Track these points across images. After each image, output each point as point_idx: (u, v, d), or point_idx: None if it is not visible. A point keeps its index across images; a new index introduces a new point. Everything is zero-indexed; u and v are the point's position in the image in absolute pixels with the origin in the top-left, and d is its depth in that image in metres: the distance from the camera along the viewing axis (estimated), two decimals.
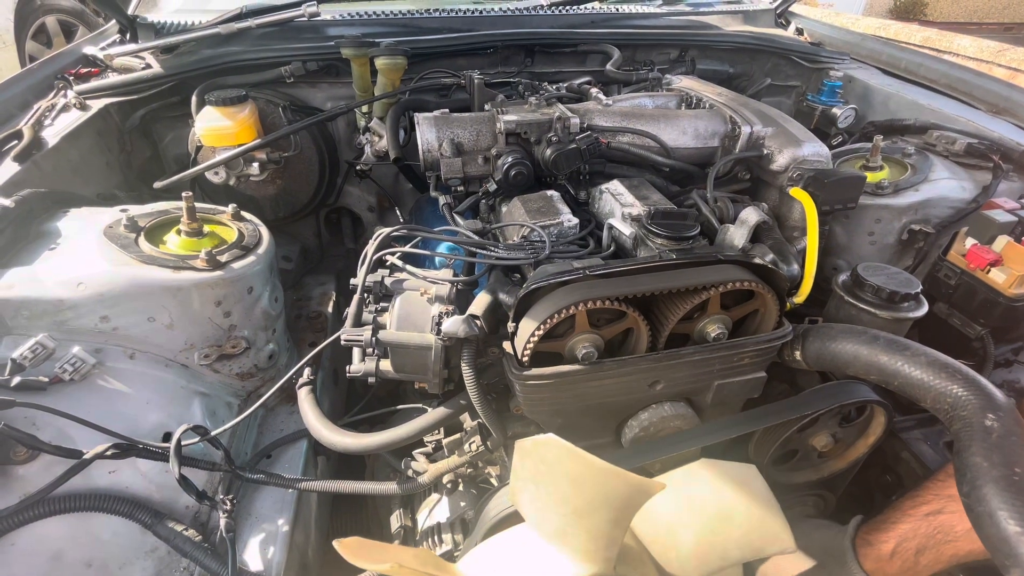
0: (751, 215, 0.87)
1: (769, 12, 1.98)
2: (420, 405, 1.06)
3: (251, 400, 1.07)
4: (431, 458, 0.99)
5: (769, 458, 0.94)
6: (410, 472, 0.98)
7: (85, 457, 0.78)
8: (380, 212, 1.79)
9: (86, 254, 0.92)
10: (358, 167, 1.55)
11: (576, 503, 0.63)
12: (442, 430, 1.01)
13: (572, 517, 0.65)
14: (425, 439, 1.01)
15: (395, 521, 1.04)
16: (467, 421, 1.01)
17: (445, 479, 0.98)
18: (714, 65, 1.77)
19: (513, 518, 0.80)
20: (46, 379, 0.83)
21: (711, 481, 0.75)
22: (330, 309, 1.43)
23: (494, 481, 0.99)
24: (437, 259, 0.90)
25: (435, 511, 1.02)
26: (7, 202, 0.97)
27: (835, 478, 1.06)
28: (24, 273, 0.89)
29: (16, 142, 1.17)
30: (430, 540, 0.99)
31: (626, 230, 0.90)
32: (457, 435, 0.98)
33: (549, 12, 1.68)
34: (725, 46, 1.75)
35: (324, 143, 1.54)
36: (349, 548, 0.64)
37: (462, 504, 0.99)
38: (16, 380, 0.80)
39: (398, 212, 1.74)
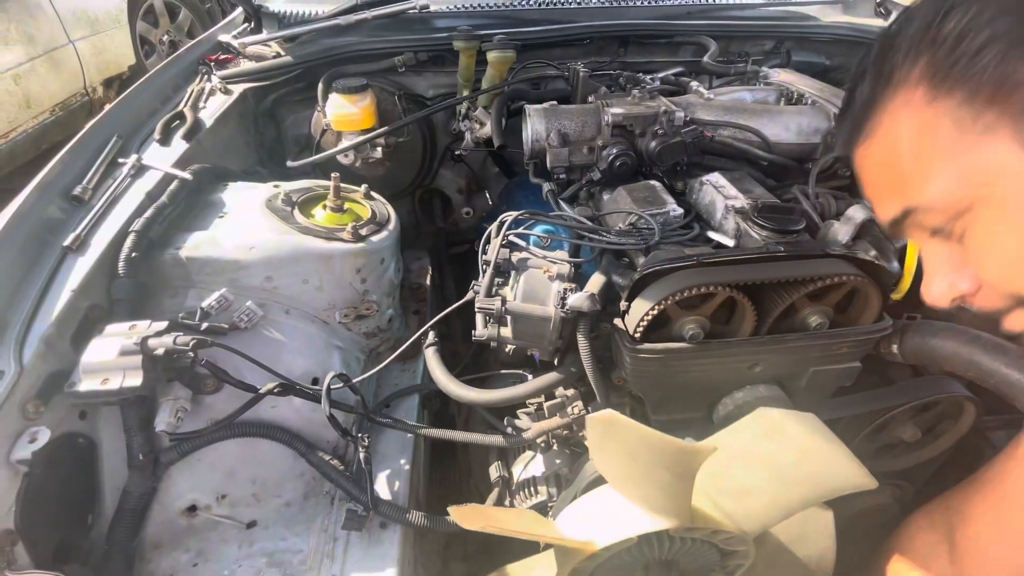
0: (858, 212, 0.91)
1: (869, 2, 1.91)
2: (519, 371, 1.17)
3: (372, 356, 1.23)
4: (532, 418, 1.10)
5: (855, 445, 0.99)
6: (510, 430, 1.10)
7: (261, 392, 0.94)
8: (468, 195, 1.90)
9: (253, 223, 1.07)
10: (457, 152, 1.66)
11: (635, 469, 0.70)
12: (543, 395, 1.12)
13: (637, 482, 0.71)
14: (528, 401, 1.13)
15: (494, 471, 1.16)
16: (559, 390, 1.11)
17: (539, 439, 1.10)
18: (810, 57, 1.75)
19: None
20: (226, 326, 1.00)
21: (772, 430, 0.77)
22: (427, 281, 1.57)
23: (587, 443, 1.09)
24: (553, 242, 1.00)
25: (530, 466, 1.14)
26: (185, 174, 1.14)
27: (916, 470, 1.09)
28: (205, 236, 1.05)
29: (178, 122, 1.35)
30: (526, 490, 1.11)
31: (729, 223, 0.96)
32: (558, 399, 1.09)
33: (645, 4, 1.72)
34: (823, 38, 1.72)
35: (427, 128, 1.67)
36: (463, 514, 0.76)
37: (557, 461, 1.11)
38: (204, 325, 0.97)
39: (487, 195, 1.85)
